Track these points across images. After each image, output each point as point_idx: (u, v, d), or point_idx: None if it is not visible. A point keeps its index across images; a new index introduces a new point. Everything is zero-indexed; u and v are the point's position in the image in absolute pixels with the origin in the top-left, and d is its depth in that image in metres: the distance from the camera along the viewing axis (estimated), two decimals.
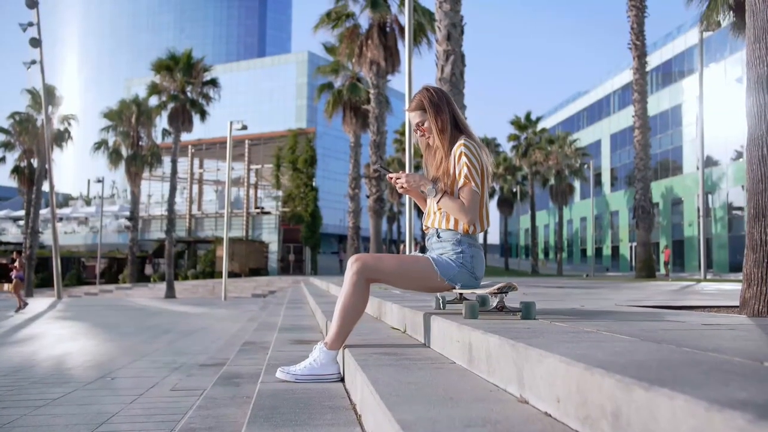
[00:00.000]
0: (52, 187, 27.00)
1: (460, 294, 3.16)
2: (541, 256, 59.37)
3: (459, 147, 2.94)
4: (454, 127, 3.05)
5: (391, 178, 3.06)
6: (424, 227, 3.15)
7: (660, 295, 6.53)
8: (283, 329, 5.57)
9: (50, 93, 33.05)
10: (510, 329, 2.14)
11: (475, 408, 1.56)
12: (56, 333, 9.54)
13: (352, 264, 2.84)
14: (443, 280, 2.85)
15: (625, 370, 1.24)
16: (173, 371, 5.37)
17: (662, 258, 36.86)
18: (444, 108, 3.04)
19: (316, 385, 2.67)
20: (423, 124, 3.07)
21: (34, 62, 26.73)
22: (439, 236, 2.99)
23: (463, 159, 2.90)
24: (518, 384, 1.69)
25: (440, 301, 3.32)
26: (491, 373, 1.92)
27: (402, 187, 3.05)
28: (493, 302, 2.75)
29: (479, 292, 2.76)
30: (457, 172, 2.93)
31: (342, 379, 2.77)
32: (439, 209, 2.99)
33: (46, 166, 28.18)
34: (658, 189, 40.49)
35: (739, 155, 35.46)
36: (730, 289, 9.04)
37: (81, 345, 7.72)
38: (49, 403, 3.98)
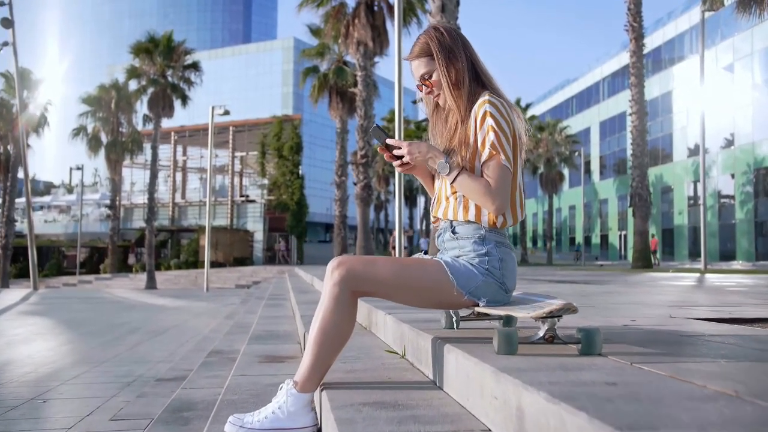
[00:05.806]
0: (26, 174, 25.83)
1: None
2: (529, 244, 58.81)
3: (482, 106, 2.04)
4: (474, 80, 2.14)
5: (386, 149, 2.17)
6: (432, 219, 2.24)
7: (689, 294, 5.75)
8: (255, 337, 4.76)
9: (25, 77, 31.79)
10: (586, 386, 1.31)
11: None
12: (12, 333, 8.64)
13: (333, 270, 1.97)
14: (461, 293, 1.99)
15: None
16: (124, 388, 4.54)
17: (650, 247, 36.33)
18: (459, 53, 2.13)
19: None
20: (430, 77, 2.16)
21: (6, 44, 25.53)
22: (454, 231, 2.10)
23: (489, 122, 2.01)
24: None
25: (452, 318, 2.44)
26: None
27: (403, 163, 2.16)
28: (541, 330, 1.85)
29: (516, 314, 1.84)
30: (479, 141, 2.04)
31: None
32: (455, 193, 2.10)
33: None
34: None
35: (729, 143, 34.96)
36: (750, 283, 8.35)
37: (31, 350, 6.85)
38: None
